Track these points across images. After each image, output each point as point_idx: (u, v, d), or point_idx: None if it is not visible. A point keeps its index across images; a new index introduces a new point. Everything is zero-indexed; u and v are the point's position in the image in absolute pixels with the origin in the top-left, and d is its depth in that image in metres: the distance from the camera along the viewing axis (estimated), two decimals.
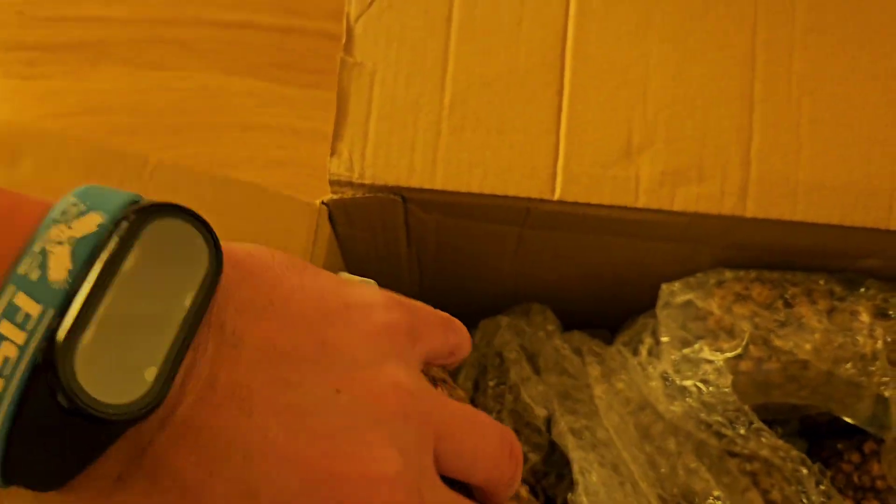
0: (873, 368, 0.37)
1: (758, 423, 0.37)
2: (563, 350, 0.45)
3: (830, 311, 0.38)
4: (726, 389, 0.37)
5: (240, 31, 0.63)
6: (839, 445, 0.46)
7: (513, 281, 0.47)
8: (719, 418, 0.37)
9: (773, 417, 0.44)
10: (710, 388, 0.37)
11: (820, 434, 0.46)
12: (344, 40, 0.40)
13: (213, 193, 0.38)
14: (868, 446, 0.44)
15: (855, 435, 0.45)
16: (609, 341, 0.46)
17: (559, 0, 0.42)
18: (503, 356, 0.45)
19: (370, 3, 0.42)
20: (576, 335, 0.46)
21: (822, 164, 0.36)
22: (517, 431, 0.43)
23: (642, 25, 0.38)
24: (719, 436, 0.38)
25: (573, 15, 0.40)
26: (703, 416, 0.38)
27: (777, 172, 0.36)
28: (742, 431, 0.36)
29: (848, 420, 0.40)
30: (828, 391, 0.39)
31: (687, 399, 0.38)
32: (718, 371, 0.37)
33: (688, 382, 0.38)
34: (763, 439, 0.37)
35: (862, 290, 0.39)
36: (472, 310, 0.47)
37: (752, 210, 0.36)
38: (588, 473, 0.38)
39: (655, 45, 0.38)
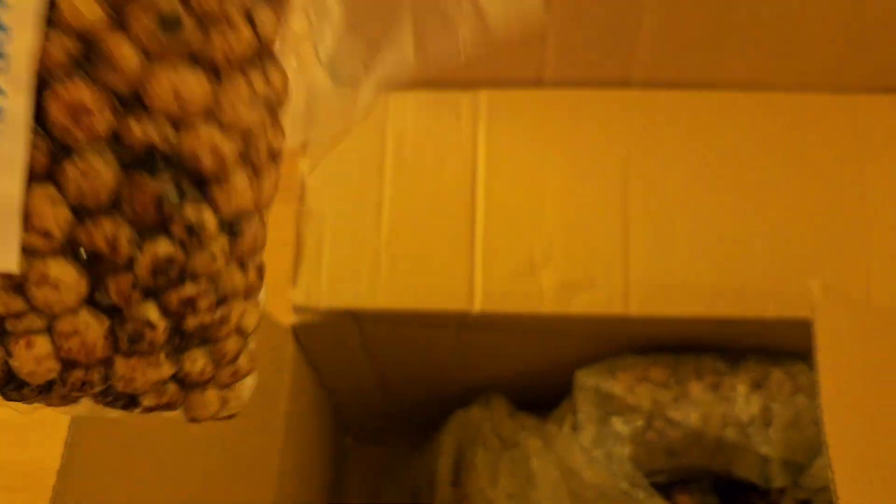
0: (750, 431, 0.45)
1: (649, 488, 0.44)
2: (510, 429, 0.53)
3: (715, 386, 0.46)
4: (629, 459, 0.44)
5: None
6: (753, 498, 0.53)
7: (462, 373, 0.55)
8: (625, 484, 0.44)
9: (689, 477, 0.51)
10: (618, 458, 0.45)
11: (736, 489, 0.53)
12: (299, 192, 0.49)
13: None
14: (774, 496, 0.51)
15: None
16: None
17: (471, 143, 0.51)
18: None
19: (319, 161, 0.51)
20: (520, 415, 0.54)
21: (692, 267, 0.45)
22: None
23: (539, 163, 0.47)
24: (630, 497, 0.45)
25: (482, 156, 0.49)
26: (615, 481, 0.45)
27: (652, 277, 0.44)
28: (642, 496, 0.44)
29: (742, 476, 0.47)
30: (721, 453, 0.47)
31: (602, 467, 0.46)
32: (623, 442, 0.45)
33: (600, 452, 0.46)
34: (659, 499, 0.44)
35: (743, 364, 0.47)
36: (433, 400, 0.55)
37: (634, 309, 0.44)
38: None
39: (549, 180, 0.47)
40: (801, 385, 0.46)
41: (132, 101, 0.18)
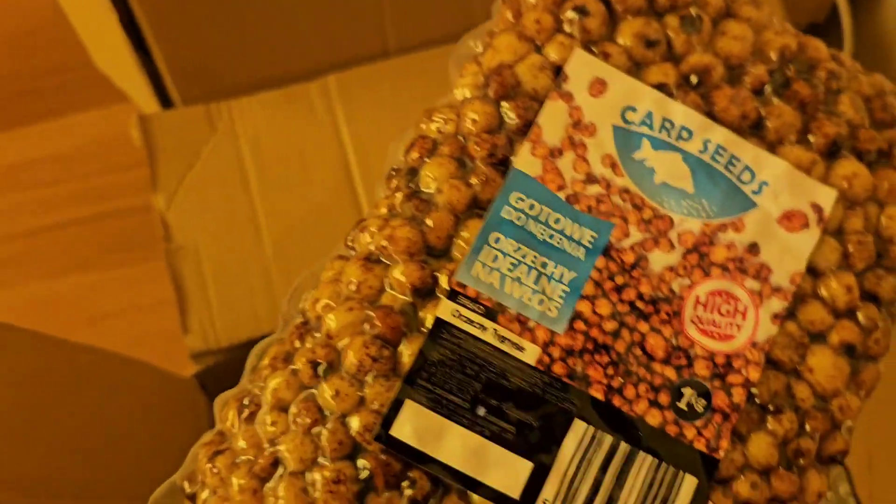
0: None
1: None
2: None
3: None
4: None
5: (57, 232, 0.63)
6: None
7: None
8: None
9: None
10: None
11: None
12: (163, 232, 0.44)
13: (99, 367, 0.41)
14: None
15: None
16: None
17: (332, 131, 0.48)
18: None
19: (175, 192, 0.46)
20: None
21: None
22: None
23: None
24: None
25: (349, 146, 0.46)
26: None
27: None
28: None
29: None
30: None
31: None
32: None
33: None
34: None
35: None
36: None
37: None
38: None
39: None
40: None
41: None
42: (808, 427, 0.30)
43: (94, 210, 0.66)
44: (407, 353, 0.29)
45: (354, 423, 0.29)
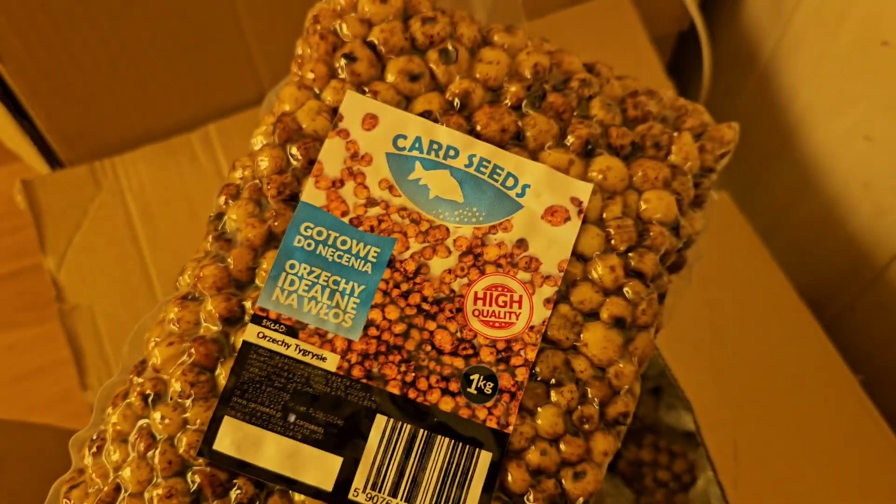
0: None
1: None
2: None
3: None
4: None
5: None
6: None
7: None
8: None
9: None
10: None
11: None
12: (55, 292, 0.47)
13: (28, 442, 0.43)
14: None
15: None
16: None
17: (218, 184, 0.52)
18: None
19: (64, 253, 0.50)
20: None
21: None
22: None
23: None
24: None
25: None
26: None
27: None
28: None
29: None
30: None
31: None
32: None
33: None
34: None
35: None
36: None
37: None
38: None
39: None
40: None
41: None
42: (589, 395, 0.34)
43: (11, 267, 0.66)
44: (222, 375, 0.33)
45: (181, 442, 0.32)
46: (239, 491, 0.32)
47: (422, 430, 0.33)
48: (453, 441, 0.33)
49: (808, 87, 0.64)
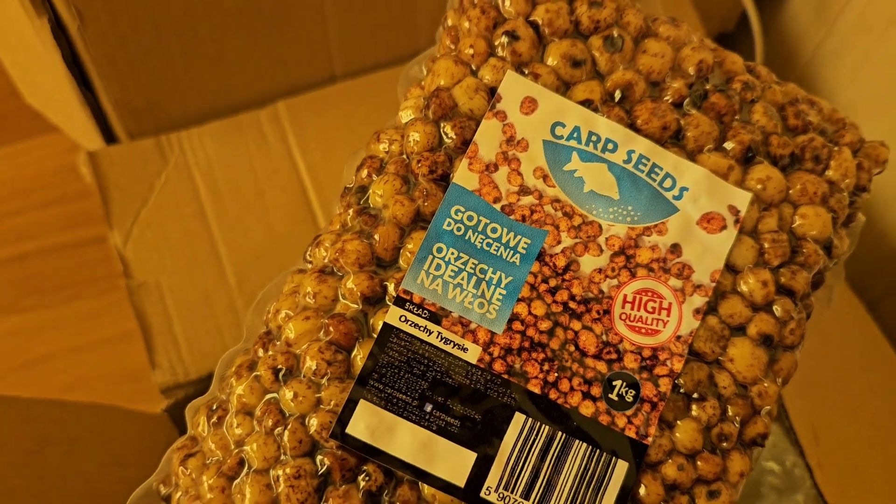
0: None
1: None
2: None
3: None
4: None
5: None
6: None
7: None
8: None
9: None
10: None
11: None
12: (122, 268, 0.46)
13: (58, 419, 0.42)
14: None
15: None
16: None
17: (286, 157, 0.50)
18: None
19: (130, 228, 0.48)
20: None
21: None
22: None
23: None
24: None
25: (303, 170, 0.49)
26: None
27: None
28: None
29: None
30: None
31: None
32: None
33: None
34: None
35: None
36: None
37: None
38: None
39: None
40: None
41: None
42: (730, 413, 0.33)
43: (41, 244, 0.61)
44: (359, 356, 0.32)
45: (313, 422, 0.31)
46: (368, 478, 0.31)
47: (560, 433, 0.32)
48: (591, 447, 0.32)
49: (847, 90, 0.64)
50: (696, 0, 0.63)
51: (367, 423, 0.31)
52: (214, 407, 0.33)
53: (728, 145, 0.35)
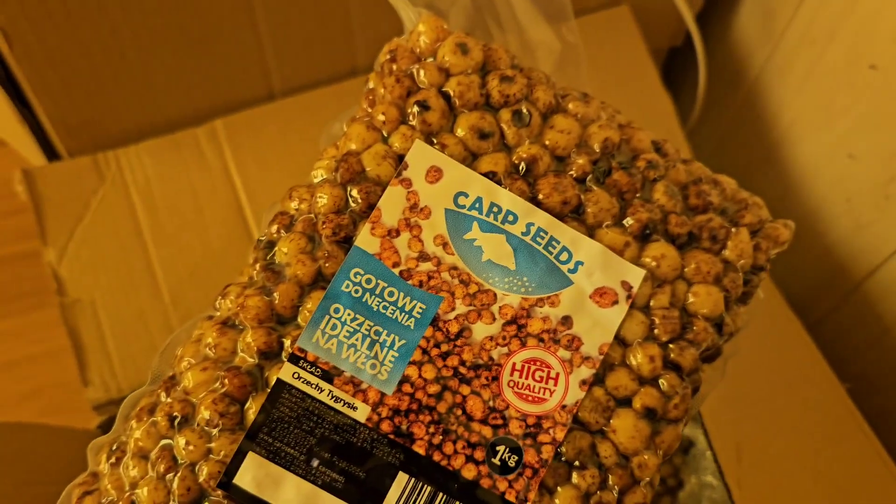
0: None
1: None
2: None
3: None
4: None
5: None
6: None
7: None
8: None
9: None
10: None
11: None
12: (55, 286, 0.47)
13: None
14: None
15: None
16: None
17: (223, 174, 0.52)
18: None
19: (65, 245, 0.49)
20: None
21: None
22: None
23: (296, 168, 0.49)
24: None
25: (240, 187, 0.50)
26: None
27: None
28: None
29: None
30: None
31: None
32: None
33: None
34: None
35: None
36: None
37: None
38: None
39: None
40: None
41: None
42: (610, 482, 0.34)
43: None
44: (252, 410, 0.33)
45: (203, 471, 0.32)
46: None
47: (441, 494, 0.33)
48: None
49: (794, 103, 0.66)
50: (641, 16, 0.65)
51: (254, 475, 0.32)
52: (115, 447, 0.35)
53: (627, 222, 0.36)
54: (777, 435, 0.56)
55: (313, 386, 0.33)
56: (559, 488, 0.34)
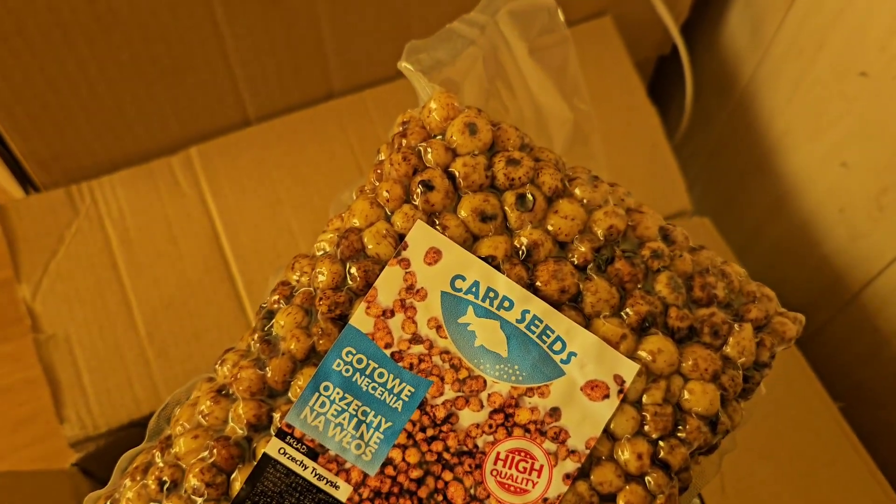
0: None
1: None
2: None
3: None
4: None
5: None
6: None
7: None
8: None
9: None
10: None
11: None
12: (30, 322, 0.47)
13: None
14: None
15: None
16: None
17: (200, 208, 0.52)
18: None
19: (39, 280, 0.50)
20: None
21: None
22: None
23: (273, 193, 0.49)
24: None
25: (216, 215, 0.50)
26: None
27: None
28: None
29: None
30: None
31: None
32: None
33: None
34: None
35: None
36: None
37: None
38: None
39: (286, 209, 0.49)
40: None
41: None
42: None
43: None
44: (238, 481, 0.34)
45: None
46: None
47: None
48: None
49: (785, 112, 0.64)
50: (625, 27, 0.63)
51: None
52: (109, 502, 0.36)
53: (626, 313, 0.36)
54: (765, 458, 0.54)
55: (298, 462, 0.34)
56: None
